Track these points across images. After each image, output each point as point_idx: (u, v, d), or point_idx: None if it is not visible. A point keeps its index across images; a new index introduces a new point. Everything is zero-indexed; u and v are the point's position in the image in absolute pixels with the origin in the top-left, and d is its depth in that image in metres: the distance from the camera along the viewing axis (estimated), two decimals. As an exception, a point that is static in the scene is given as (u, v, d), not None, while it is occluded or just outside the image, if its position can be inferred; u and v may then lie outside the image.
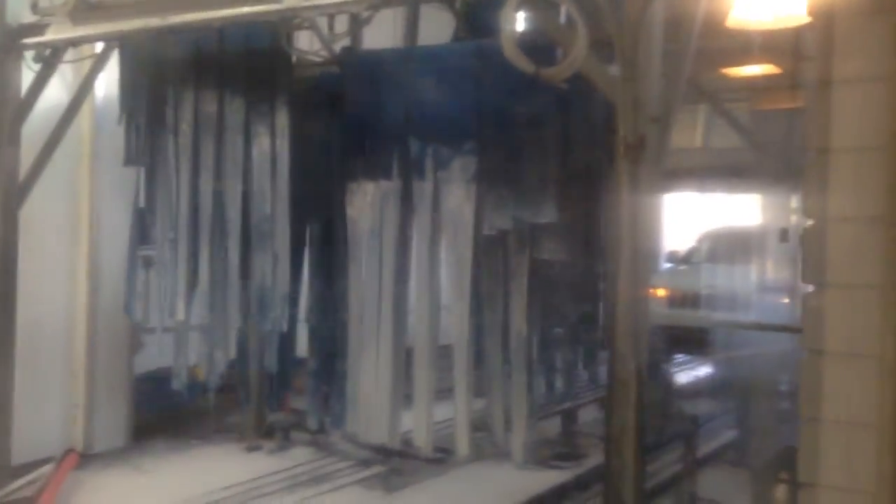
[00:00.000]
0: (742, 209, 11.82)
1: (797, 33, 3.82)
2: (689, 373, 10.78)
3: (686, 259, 11.68)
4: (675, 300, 10.58)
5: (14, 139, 6.39)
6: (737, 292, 10.33)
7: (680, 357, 11.55)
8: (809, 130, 3.18)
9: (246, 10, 4.91)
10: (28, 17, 6.18)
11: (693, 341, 10.30)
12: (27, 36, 5.95)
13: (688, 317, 10.41)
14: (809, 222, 3.16)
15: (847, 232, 3.07)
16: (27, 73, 6.34)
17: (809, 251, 3.16)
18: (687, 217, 14.92)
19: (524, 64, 4.35)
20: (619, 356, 4.38)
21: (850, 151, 3.07)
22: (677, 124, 4.88)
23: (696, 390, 10.27)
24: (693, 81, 7.34)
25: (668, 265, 12.59)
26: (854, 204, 3.06)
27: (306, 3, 4.74)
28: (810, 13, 3.23)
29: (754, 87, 7.75)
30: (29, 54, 6.05)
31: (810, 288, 3.15)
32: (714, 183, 10.06)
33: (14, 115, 6.30)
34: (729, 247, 10.94)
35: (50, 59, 5.97)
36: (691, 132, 11.00)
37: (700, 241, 11.85)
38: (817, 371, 3.11)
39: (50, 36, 5.77)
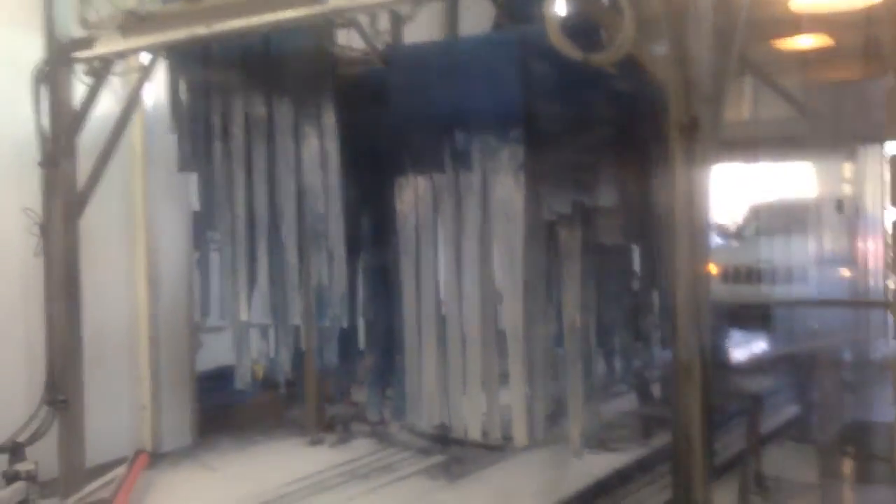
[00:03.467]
0: (793, 181, 11.59)
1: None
2: (748, 350, 10.64)
3: (738, 234, 11.50)
4: (727, 276, 10.43)
5: (70, 151, 6.53)
6: (791, 266, 10.16)
7: (738, 334, 11.43)
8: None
9: (290, 13, 4.94)
10: (77, 32, 6.32)
11: (749, 317, 10.17)
12: (77, 50, 6.06)
13: (748, 293, 10.26)
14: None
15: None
16: (80, 87, 6.51)
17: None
18: (736, 191, 14.68)
19: (571, 50, 4.31)
20: (681, 337, 4.34)
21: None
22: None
23: (755, 367, 10.16)
24: (741, 54, 7.21)
25: (718, 240, 12.43)
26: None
27: (350, 4, 4.76)
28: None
29: (805, 58, 7.58)
30: (80, 68, 6.17)
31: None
32: (763, 155, 9.86)
33: (68, 128, 6.44)
34: (781, 220, 10.75)
35: (101, 72, 6.07)
36: (738, 104, 10.79)
37: (751, 214, 11.65)
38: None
39: (100, 49, 5.88)
